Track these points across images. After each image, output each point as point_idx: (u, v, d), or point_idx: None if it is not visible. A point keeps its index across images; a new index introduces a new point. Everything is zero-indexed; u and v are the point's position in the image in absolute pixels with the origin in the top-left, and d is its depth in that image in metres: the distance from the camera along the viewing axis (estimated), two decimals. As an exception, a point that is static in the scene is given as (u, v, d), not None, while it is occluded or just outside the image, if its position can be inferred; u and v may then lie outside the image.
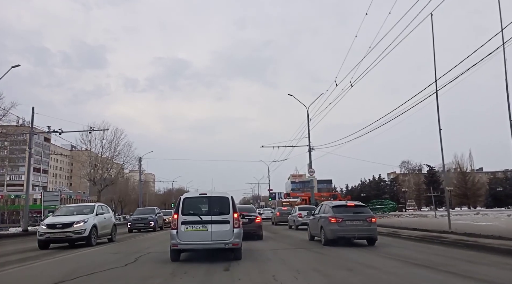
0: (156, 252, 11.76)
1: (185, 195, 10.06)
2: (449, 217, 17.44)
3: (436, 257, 9.68)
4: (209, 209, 9.48)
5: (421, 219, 30.34)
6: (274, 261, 9.42)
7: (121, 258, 10.47)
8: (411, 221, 25.99)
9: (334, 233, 12.90)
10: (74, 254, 12.23)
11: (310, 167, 34.71)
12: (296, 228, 23.94)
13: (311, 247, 12.95)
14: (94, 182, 46.79)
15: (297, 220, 24.10)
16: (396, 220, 29.42)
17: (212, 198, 9.62)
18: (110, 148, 48.74)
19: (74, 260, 10.98)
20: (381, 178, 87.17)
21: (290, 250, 12.23)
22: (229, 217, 9.26)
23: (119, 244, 15.92)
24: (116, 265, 9.06)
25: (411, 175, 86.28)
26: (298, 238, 16.78)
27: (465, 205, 77.42)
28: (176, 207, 9.49)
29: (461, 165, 79.41)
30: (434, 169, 76.91)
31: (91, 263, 9.61)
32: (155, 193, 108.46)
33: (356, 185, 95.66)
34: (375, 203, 58.86)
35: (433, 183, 72.57)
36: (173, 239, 9.12)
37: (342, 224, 12.88)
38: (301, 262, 9.41)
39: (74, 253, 12.58)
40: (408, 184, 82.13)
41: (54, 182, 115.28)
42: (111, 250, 13.35)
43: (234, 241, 9.15)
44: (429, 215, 36.56)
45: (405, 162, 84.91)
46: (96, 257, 11.18)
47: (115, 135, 49.23)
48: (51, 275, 7.88)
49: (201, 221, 9.18)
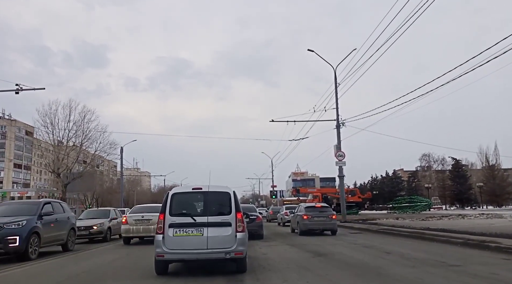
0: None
1: (174, 189, 8.22)
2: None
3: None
4: (205, 208, 7.63)
5: (504, 221, 21.19)
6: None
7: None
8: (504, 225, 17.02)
9: (305, 226, 18.30)
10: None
11: (338, 149, 25.59)
12: (283, 224, 28.00)
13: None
14: (58, 174, 39.13)
15: (284, 217, 28.17)
16: (468, 223, 20.29)
17: (208, 193, 7.71)
18: (77, 132, 40.35)
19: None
20: (396, 174, 78.86)
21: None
22: (230, 217, 7.41)
23: (74, 256, 12.01)
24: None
25: (432, 169, 77.17)
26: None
27: (493, 203, 68.49)
28: (163, 205, 7.58)
29: (488, 158, 70.39)
30: (461, 162, 68.17)
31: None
32: (150, 191, 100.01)
33: (365, 182, 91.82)
34: (401, 200, 49.75)
35: (460, 178, 64.08)
36: (158, 246, 7.23)
37: (311, 220, 18.27)
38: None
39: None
40: (430, 179, 73.32)
41: (38, 179, 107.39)
42: (56, 266, 10.05)
43: (237, 249, 7.23)
44: (506, 215, 27.06)
45: (426, 155, 75.77)
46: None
47: (85, 117, 40.58)
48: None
49: (194, 223, 7.32)
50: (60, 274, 8.46)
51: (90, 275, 8.11)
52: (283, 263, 9.06)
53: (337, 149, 25.56)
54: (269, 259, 9.80)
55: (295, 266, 8.57)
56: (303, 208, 19.14)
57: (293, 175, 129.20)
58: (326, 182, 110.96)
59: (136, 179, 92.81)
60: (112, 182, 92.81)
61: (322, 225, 18.26)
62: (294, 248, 12.71)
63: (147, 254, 10.48)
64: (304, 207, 19.26)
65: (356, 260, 9.47)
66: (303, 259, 9.77)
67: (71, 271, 8.83)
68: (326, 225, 18.22)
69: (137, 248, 14.08)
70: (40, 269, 9.49)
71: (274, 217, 35.57)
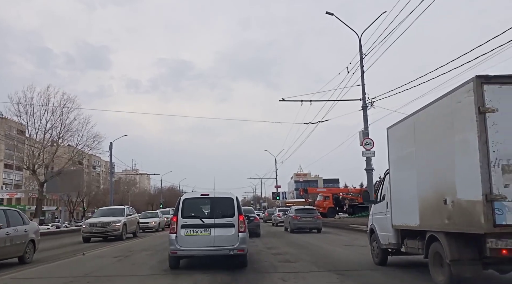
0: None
1: (185, 195, 9.78)
2: None
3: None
4: (212, 211, 8.99)
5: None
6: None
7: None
8: None
9: (295, 225, 22.35)
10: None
11: (365, 136, 20.57)
12: (276, 224, 32.49)
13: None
14: (34, 171, 33.69)
15: (277, 218, 32.88)
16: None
17: (215, 198, 9.13)
18: (55, 124, 34.68)
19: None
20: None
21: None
22: (233, 220, 8.73)
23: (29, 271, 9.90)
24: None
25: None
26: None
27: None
28: (176, 209, 9.04)
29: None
30: None
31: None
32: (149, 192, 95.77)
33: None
34: None
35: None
36: (172, 244, 8.66)
37: (300, 220, 22.34)
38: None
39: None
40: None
41: (15, 177, 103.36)
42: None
43: (239, 246, 8.59)
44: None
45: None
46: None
47: (64, 105, 34.87)
48: None
49: (202, 224, 8.68)
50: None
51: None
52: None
53: (363, 136, 20.52)
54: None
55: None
56: (294, 210, 23.90)
57: (295, 176, 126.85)
58: (330, 183, 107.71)
59: (133, 179, 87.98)
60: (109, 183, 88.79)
61: (309, 224, 22.61)
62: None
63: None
64: (294, 209, 24.13)
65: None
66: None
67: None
68: (312, 224, 22.58)
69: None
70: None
71: (269, 218, 39.61)
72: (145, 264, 10.01)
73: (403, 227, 7.84)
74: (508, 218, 5.16)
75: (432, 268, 6.64)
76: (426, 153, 6.82)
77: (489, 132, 5.26)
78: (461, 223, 5.72)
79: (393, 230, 8.28)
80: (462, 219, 5.68)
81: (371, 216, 10.04)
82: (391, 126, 8.39)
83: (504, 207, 5.16)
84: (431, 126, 6.65)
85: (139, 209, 58.01)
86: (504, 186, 5.18)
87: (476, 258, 5.72)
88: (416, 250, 7.46)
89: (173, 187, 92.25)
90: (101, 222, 18.62)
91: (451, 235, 6.03)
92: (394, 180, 8.27)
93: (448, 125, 6.02)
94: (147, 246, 15.02)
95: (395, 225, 8.15)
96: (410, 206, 7.27)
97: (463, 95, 5.61)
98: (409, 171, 7.45)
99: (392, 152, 8.33)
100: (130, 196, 78.07)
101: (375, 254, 9.43)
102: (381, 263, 9.06)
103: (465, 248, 5.81)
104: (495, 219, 5.14)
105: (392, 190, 8.32)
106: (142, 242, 17.80)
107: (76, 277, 8.19)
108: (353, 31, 21.01)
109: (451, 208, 5.92)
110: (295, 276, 7.84)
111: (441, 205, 6.14)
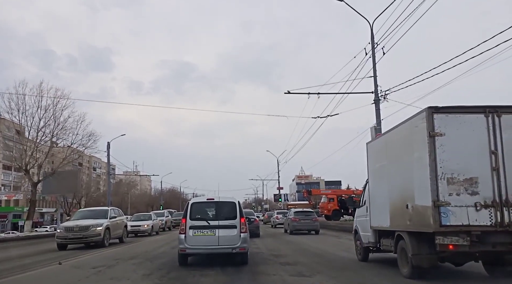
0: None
1: (193, 200, 11.42)
2: None
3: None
4: (217, 214, 10.02)
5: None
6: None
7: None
8: None
9: (294, 227, 24.01)
10: None
11: (378, 132, 17.36)
12: (274, 226, 34.73)
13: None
14: (27, 170, 32.73)
15: (275, 220, 35.03)
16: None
17: (219, 203, 10.26)
18: (48, 121, 33.08)
19: None
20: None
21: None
22: (236, 221, 9.78)
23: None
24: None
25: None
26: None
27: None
28: (184, 212, 10.14)
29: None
30: None
31: None
32: (148, 194, 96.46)
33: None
34: None
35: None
36: (181, 243, 9.72)
37: (299, 222, 24.03)
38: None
39: None
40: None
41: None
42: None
43: (241, 246, 9.64)
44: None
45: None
46: None
47: (57, 103, 33.04)
48: None
49: (208, 225, 9.74)
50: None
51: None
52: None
53: (375, 132, 18.04)
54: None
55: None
56: (293, 213, 25.69)
57: (297, 178, 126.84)
58: (332, 185, 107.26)
59: (133, 181, 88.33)
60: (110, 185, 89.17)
61: (307, 226, 24.16)
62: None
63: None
64: (294, 212, 25.93)
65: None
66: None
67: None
68: (310, 226, 24.19)
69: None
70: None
71: (268, 220, 41.93)
72: (127, 279, 8.49)
73: (379, 228, 9.26)
74: (452, 220, 6.55)
75: (399, 261, 8.04)
76: (394, 166, 8.27)
77: (437, 152, 6.68)
78: (418, 224, 7.12)
79: (372, 231, 9.70)
80: (418, 220, 7.08)
81: (355, 219, 11.49)
82: (370, 142, 9.82)
83: (449, 211, 6.55)
84: (398, 145, 8.09)
85: (139, 210, 58.29)
86: (448, 195, 6.59)
87: (432, 253, 7.10)
88: (389, 247, 8.84)
89: (173, 188, 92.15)
90: (79, 225, 16.09)
91: (412, 234, 7.43)
92: (372, 188, 9.71)
93: (409, 145, 7.46)
94: (135, 254, 13.29)
95: (373, 226, 9.57)
96: (384, 210, 8.70)
97: (419, 121, 7.03)
98: (383, 180, 8.89)
99: (370, 163, 9.77)
100: (129, 197, 77.82)
101: (358, 252, 10.87)
102: (363, 259, 10.47)
103: (423, 244, 7.20)
104: (441, 221, 6.53)
105: (370, 196, 9.75)
106: (130, 248, 16.03)
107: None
108: (364, 18, 19.02)
109: (411, 212, 7.33)
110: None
111: (404, 209, 7.55)
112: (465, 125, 6.78)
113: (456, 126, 6.76)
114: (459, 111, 6.86)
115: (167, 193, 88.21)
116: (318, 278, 8.22)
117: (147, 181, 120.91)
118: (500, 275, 7.54)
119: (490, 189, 6.59)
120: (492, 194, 6.59)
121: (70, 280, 8.62)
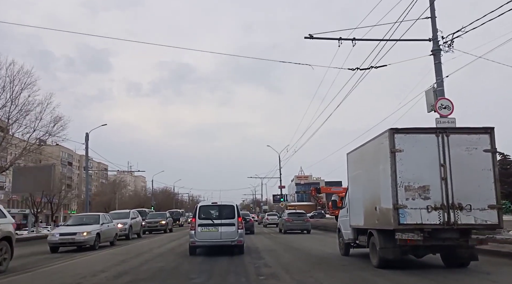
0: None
1: (200, 203, 15.06)
2: None
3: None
4: (219, 214, 12.91)
5: None
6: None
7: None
8: None
9: (287, 227, 26.62)
10: None
11: (439, 95, 13.41)
12: (265, 226, 40.20)
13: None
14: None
15: (266, 221, 41.17)
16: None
17: (221, 206, 13.42)
18: (7, 102, 27.26)
19: None
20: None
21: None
22: (234, 220, 12.68)
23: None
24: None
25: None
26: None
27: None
28: (194, 213, 13.15)
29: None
30: (509, 158, 58.85)
31: None
32: (140, 194, 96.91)
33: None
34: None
35: (508, 177, 50.83)
36: (192, 237, 12.50)
37: (292, 222, 26.66)
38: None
39: None
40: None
41: None
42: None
43: (238, 239, 12.57)
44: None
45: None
46: None
47: (15, 77, 27.23)
48: None
49: (213, 223, 12.65)
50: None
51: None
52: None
53: (436, 95, 13.36)
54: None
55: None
56: (286, 214, 28.90)
57: (296, 179, 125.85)
58: (331, 185, 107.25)
59: (123, 181, 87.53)
60: (102, 185, 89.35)
61: (299, 226, 26.80)
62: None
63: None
64: (287, 213, 29.48)
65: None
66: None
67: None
68: (302, 226, 26.81)
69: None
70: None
71: (261, 221, 48.30)
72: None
73: (356, 226, 11.01)
74: (408, 219, 8.27)
75: (371, 254, 9.78)
76: (366, 174, 10.03)
77: (397, 165, 8.41)
78: (383, 223, 8.84)
79: (351, 229, 11.46)
80: (383, 220, 8.80)
81: (339, 219, 13.22)
82: (350, 152, 11.52)
83: (406, 212, 8.26)
84: (369, 157, 9.85)
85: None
86: (405, 199, 8.33)
87: (395, 246, 8.82)
88: (364, 243, 10.57)
89: (167, 188, 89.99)
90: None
91: (380, 231, 9.16)
92: (351, 192, 11.50)
93: (377, 158, 9.21)
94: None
95: (352, 225, 11.32)
96: (359, 211, 10.46)
97: (383, 139, 8.78)
98: (359, 186, 10.68)
99: (350, 171, 11.58)
100: (116, 197, 72.19)
101: (341, 247, 12.61)
102: (345, 254, 12.21)
103: (388, 240, 8.93)
104: (399, 220, 8.26)
105: (350, 199, 11.54)
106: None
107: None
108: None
109: (378, 213, 9.06)
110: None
111: (374, 211, 9.27)
112: (419, 143, 8.54)
113: (412, 144, 8.51)
114: (415, 132, 8.63)
115: (160, 194, 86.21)
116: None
117: (142, 181, 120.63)
118: (453, 266, 9.27)
119: (439, 195, 8.35)
120: (441, 198, 8.35)
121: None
